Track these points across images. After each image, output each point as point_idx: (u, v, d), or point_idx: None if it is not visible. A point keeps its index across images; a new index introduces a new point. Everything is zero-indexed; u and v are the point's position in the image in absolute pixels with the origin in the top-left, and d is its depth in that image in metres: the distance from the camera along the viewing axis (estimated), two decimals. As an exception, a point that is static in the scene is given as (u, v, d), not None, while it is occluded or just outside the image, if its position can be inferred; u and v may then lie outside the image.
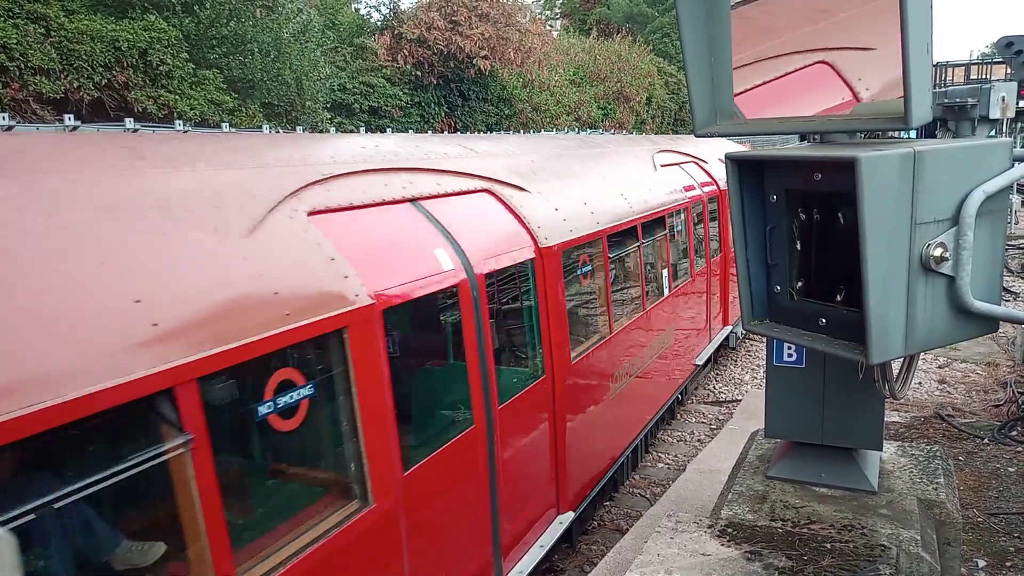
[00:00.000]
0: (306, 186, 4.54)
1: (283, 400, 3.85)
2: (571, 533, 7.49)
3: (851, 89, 3.59)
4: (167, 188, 3.88)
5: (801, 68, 3.81)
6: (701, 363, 11.89)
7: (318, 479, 4.38)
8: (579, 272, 7.47)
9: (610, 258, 8.10)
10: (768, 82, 3.88)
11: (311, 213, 4.42)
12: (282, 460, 4.32)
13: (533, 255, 6.44)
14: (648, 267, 9.72)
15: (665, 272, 10.26)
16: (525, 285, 6.53)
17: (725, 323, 13.63)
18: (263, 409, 3.78)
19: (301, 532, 3.93)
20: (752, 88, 3.87)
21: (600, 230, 7.79)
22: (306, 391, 3.98)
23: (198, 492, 3.33)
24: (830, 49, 3.67)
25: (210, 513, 3.37)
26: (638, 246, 9.12)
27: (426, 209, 5.51)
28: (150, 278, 3.36)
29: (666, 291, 10.24)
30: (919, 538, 4.05)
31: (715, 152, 13.83)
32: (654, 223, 9.70)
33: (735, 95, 3.87)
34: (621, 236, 8.51)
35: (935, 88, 3.47)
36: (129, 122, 9.51)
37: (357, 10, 30.69)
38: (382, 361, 4.43)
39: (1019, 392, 9.88)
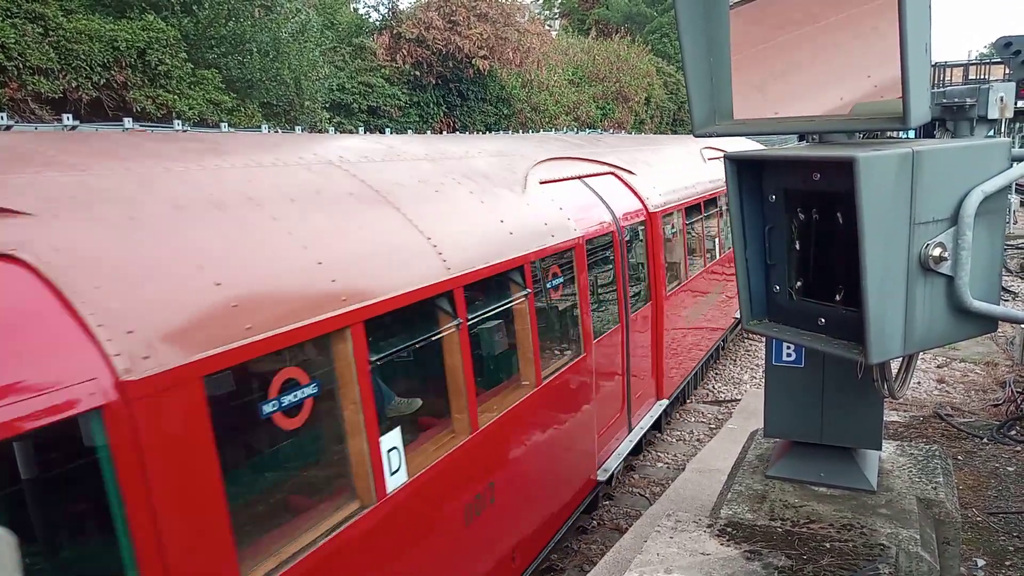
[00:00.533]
0: (533, 167, 7.46)
1: (555, 282, 6.90)
2: (661, 420, 10.22)
3: (850, 89, 3.60)
4: (478, 166, 6.74)
5: (800, 68, 3.81)
6: (737, 316, 13.93)
7: (564, 334, 7.26)
8: (668, 233, 10.29)
9: (686, 224, 11.04)
10: (768, 82, 3.88)
11: (540, 182, 7.26)
12: (554, 318, 7.12)
13: (645, 217, 9.36)
14: (707, 235, 12.48)
15: (716, 240, 13.02)
16: (640, 237, 9.38)
17: None
18: (549, 285, 6.78)
19: (556, 360, 6.87)
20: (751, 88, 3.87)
21: (680, 203, 10.68)
22: (560, 280, 6.98)
23: (530, 324, 6.12)
24: (829, 49, 3.67)
25: (534, 336, 6.17)
26: (701, 218, 11.91)
27: (587, 184, 8.41)
28: (502, 210, 6.20)
29: (717, 255, 13.04)
30: (918, 537, 4.06)
31: (748, 147, 14.58)
32: (709, 202, 12.37)
33: (734, 95, 3.87)
34: (691, 210, 11.37)
35: (934, 88, 3.47)
36: (128, 122, 9.52)
37: (356, 10, 30.69)
38: (586, 273, 7.29)
39: (1018, 392, 9.88)
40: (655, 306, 9.53)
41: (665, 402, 9.88)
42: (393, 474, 4.32)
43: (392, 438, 4.37)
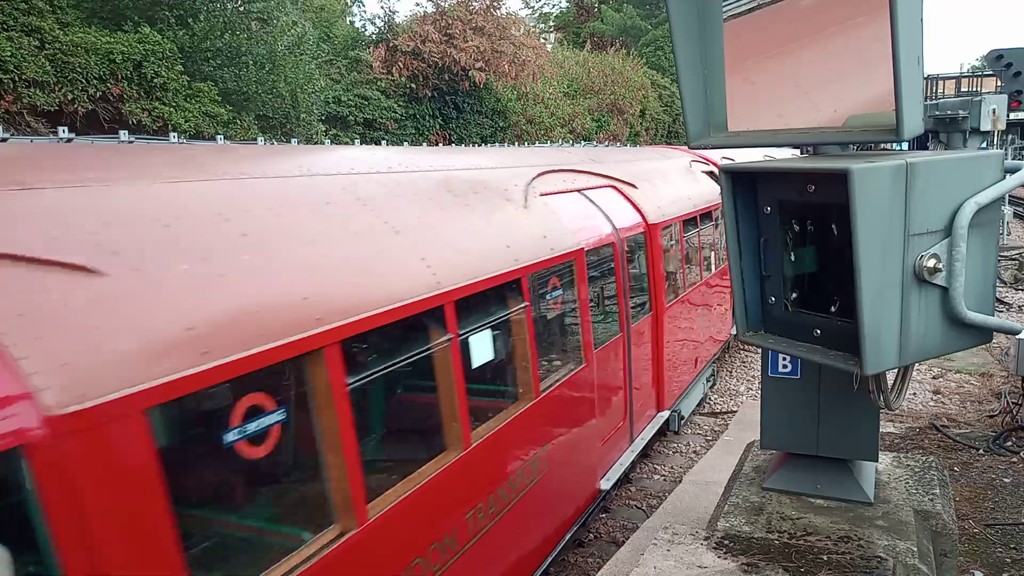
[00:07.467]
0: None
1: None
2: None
3: (843, 101, 3.62)
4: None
5: (794, 81, 3.83)
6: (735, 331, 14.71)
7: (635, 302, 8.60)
8: (667, 244, 10.43)
9: (684, 236, 11.15)
10: (762, 94, 3.90)
11: (544, 194, 7.29)
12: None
13: (644, 229, 9.45)
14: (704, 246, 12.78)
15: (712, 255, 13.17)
16: (637, 247, 9.48)
17: None
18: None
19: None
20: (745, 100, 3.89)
21: (679, 216, 10.77)
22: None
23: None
24: (823, 62, 3.69)
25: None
26: (698, 230, 12.04)
27: (586, 197, 8.40)
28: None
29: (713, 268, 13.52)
30: (915, 549, 4.05)
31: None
32: (705, 215, 12.34)
33: (728, 107, 3.89)
34: (688, 222, 11.40)
35: (926, 101, 3.50)
36: (124, 135, 9.51)
37: (352, 23, 30.81)
38: (583, 285, 7.15)
39: (1013, 403, 9.87)
40: (656, 315, 9.61)
41: (666, 413, 9.89)
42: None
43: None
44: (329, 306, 3.72)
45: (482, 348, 5.40)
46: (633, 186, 9.67)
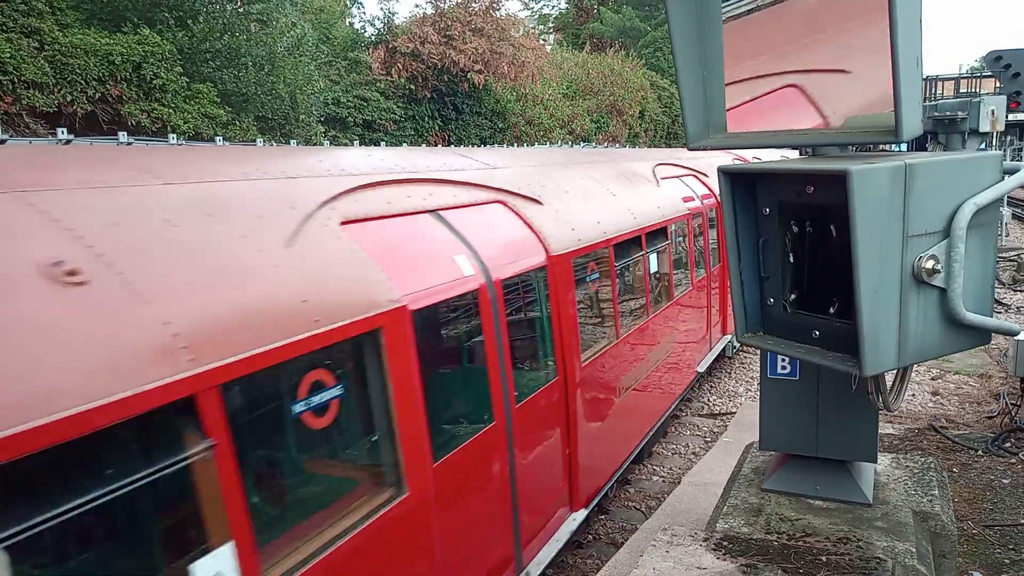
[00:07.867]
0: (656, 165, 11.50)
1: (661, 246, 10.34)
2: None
3: (843, 103, 3.62)
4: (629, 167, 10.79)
5: (793, 82, 3.84)
6: None
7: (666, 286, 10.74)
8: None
9: None
10: (761, 95, 3.91)
11: (663, 178, 11.19)
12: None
13: (716, 204, 12.56)
14: None
15: None
16: (714, 218, 12.68)
17: None
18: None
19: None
20: (744, 102, 3.89)
21: None
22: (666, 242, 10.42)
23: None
24: (822, 63, 3.70)
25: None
26: None
27: (683, 181, 12.08)
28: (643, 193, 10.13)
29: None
30: (915, 550, 4.05)
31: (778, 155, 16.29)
32: None
33: (727, 109, 3.89)
34: None
35: (925, 102, 3.50)
36: (122, 136, 9.51)
37: (351, 24, 30.82)
38: (691, 237, 11.51)
39: (1012, 404, 9.88)
40: (716, 275, 13.17)
41: (728, 337, 13.41)
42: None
43: None
44: (608, 228, 7.73)
45: (653, 263, 9.31)
46: (705, 175, 13.13)
